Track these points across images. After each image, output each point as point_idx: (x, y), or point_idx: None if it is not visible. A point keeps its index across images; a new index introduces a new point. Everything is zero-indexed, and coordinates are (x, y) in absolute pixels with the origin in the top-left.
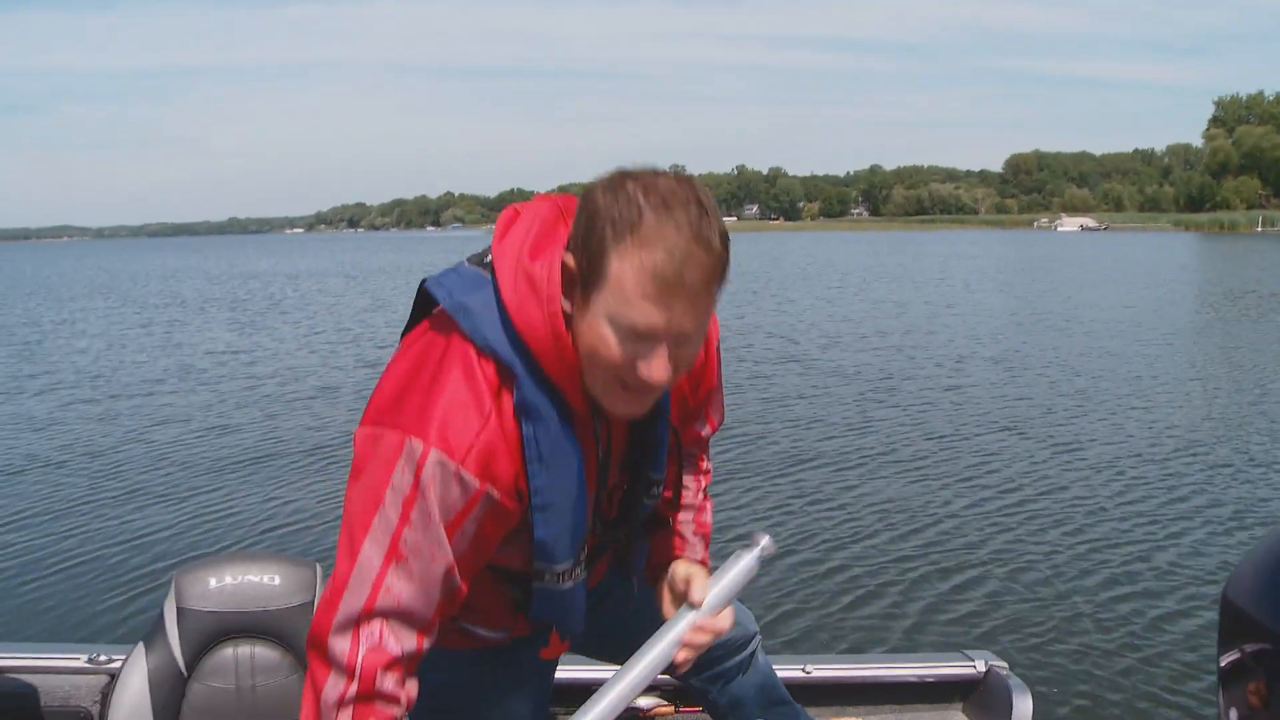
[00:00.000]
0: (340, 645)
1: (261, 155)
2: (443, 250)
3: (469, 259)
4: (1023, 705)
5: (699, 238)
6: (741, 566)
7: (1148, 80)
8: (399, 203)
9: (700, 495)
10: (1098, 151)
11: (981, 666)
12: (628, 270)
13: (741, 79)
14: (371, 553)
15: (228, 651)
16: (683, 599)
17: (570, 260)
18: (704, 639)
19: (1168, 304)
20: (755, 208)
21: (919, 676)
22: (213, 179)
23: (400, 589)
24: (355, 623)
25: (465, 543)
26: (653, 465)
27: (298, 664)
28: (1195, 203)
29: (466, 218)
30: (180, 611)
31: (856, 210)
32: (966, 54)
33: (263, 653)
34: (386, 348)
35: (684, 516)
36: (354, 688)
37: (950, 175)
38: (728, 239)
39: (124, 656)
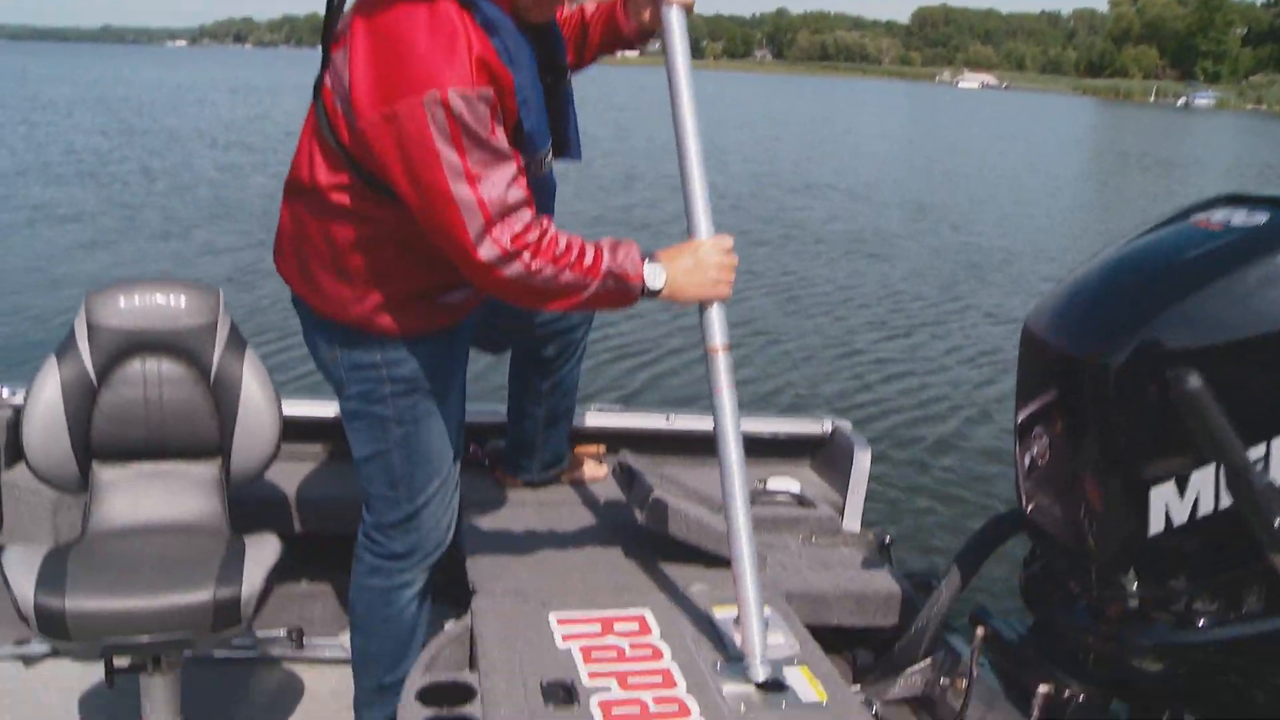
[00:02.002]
0: (493, 252)
1: None
2: None
3: None
4: (863, 458)
5: None
6: None
7: None
8: (289, 19)
9: None
10: (1005, 10)
11: (828, 426)
12: None
13: None
14: (461, 190)
15: (136, 365)
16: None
17: None
18: None
19: (1061, 162)
20: (657, 43)
21: (773, 434)
22: None
23: (495, 193)
24: (487, 232)
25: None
26: (559, 54)
27: (200, 378)
28: (1095, 68)
29: None
30: (91, 328)
31: (760, 53)
32: None
33: (169, 367)
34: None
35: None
36: (526, 251)
37: (857, 23)
38: None
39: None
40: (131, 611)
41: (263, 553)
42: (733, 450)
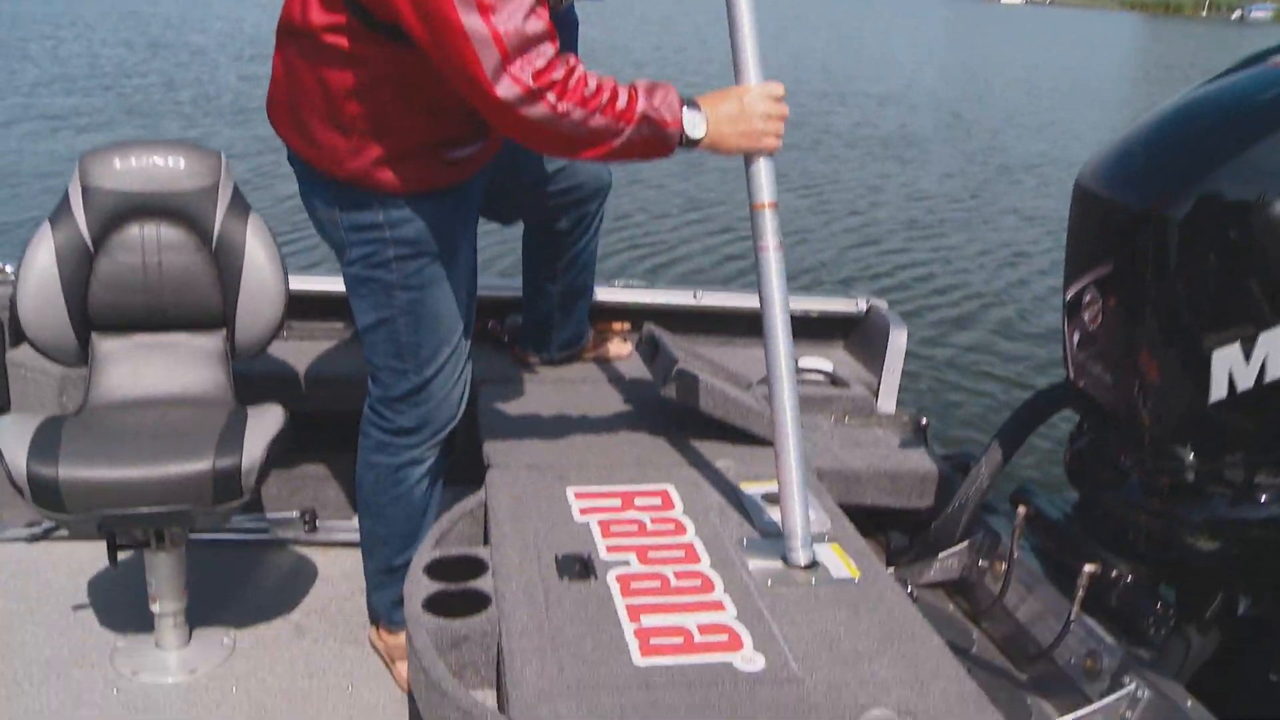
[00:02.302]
0: (513, 90)
1: None
2: None
3: None
4: (898, 338)
5: None
6: None
7: None
8: None
9: None
10: None
11: (863, 305)
12: None
13: None
14: (472, 21)
15: (134, 229)
16: None
17: None
18: None
19: (1103, 77)
20: None
21: (805, 312)
22: None
23: (512, 24)
24: (504, 69)
25: None
26: None
27: (202, 245)
28: None
29: None
30: (86, 190)
31: None
32: None
33: (168, 232)
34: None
35: None
36: (551, 91)
37: None
38: None
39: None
40: (128, 481)
41: (265, 422)
42: (778, 312)
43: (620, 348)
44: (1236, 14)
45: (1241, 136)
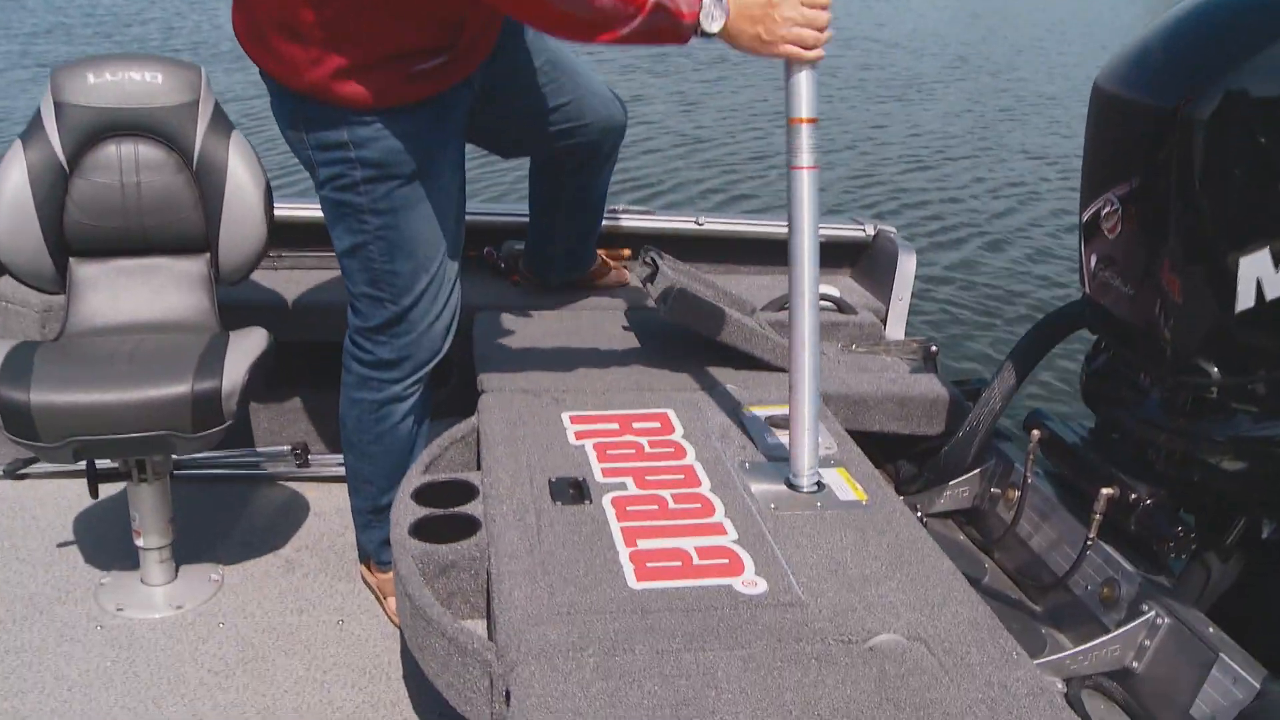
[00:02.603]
0: None
1: None
2: None
3: None
4: (907, 263)
5: None
6: None
7: None
8: None
9: None
10: None
11: (870, 230)
12: None
13: None
14: None
15: (111, 148)
16: None
17: None
18: None
19: (1119, 14)
20: None
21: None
22: None
23: None
24: None
25: None
26: None
27: (182, 164)
28: None
29: None
30: (59, 107)
31: None
32: None
33: (146, 150)
34: None
35: None
36: None
37: None
38: None
39: None
40: (103, 405)
41: (247, 344)
42: (805, 239)
43: (621, 275)
44: None
45: (1269, 30)
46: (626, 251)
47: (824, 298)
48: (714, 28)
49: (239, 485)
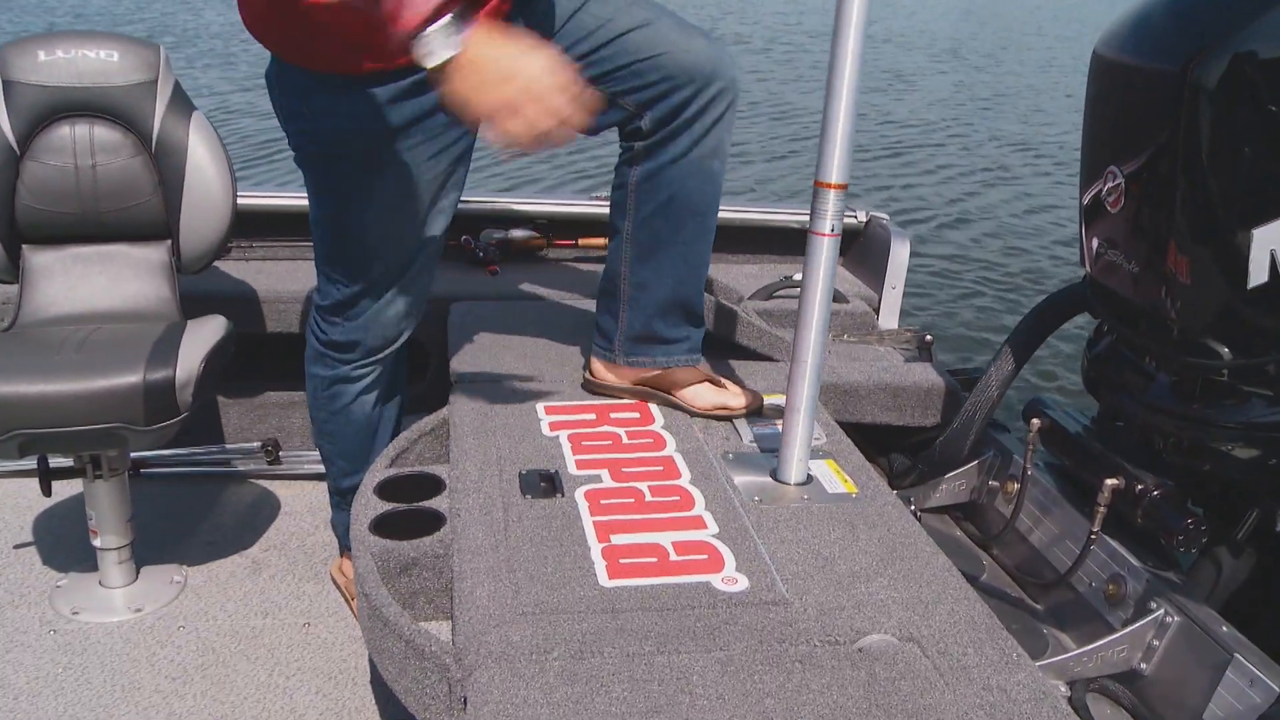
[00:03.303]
0: None
1: None
2: None
3: None
4: (900, 251)
5: None
6: None
7: None
8: None
9: None
10: None
11: (863, 217)
12: None
13: None
14: None
15: (64, 130)
16: None
17: None
18: None
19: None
20: None
21: (801, 224)
22: None
23: None
24: None
25: None
26: None
27: (140, 146)
28: None
29: None
30: (8, 85)
31: None
32: None
33: (102, 132)
34: None
35: None
36: None
37: None
38: None
39: None
40: (50, 396)
41: (204, 332)
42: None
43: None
44: None
45: None
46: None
47: None
48: (435, 56)
49: (207, 483)
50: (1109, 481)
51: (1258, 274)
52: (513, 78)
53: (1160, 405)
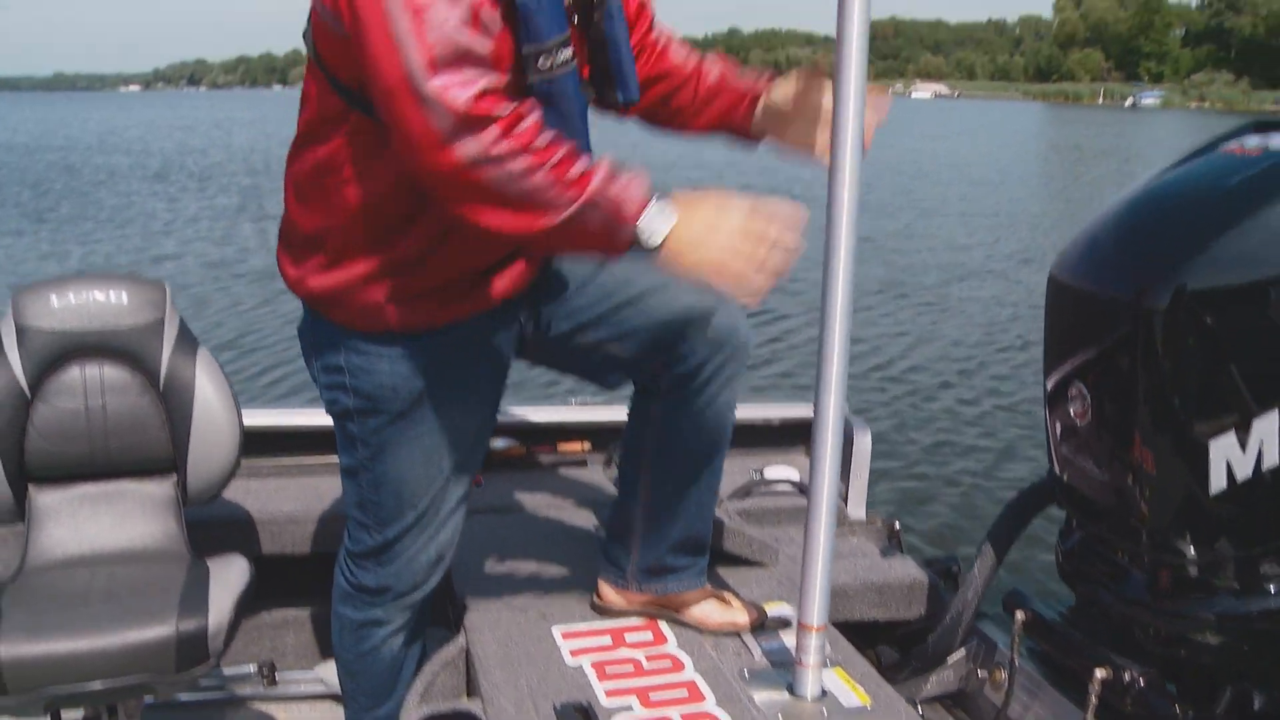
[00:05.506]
0: (439, 108)
1: (90, 4)
2: (294, 106)
3: None
4: (863, 441)
5: None
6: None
7: None
8: (243, 60)
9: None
10: (952, 20)
11: None
12: None
13: None
14: (399, 18)
15: (74, 371)
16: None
17: None
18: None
19: (1018, 160)
20: None
21: (766, 420)
22: (35, 29)
23: (440, 29)
24: (430, 75)
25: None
26: None
27: (148, 384)
28: (1043, 74)
29: None
30: (20, 330)
31: None
32: None
33: (111, 372)
34: None
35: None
36: (494, 124)
37: (808, 40)
38: None
39: None
40: (79, 654)
41: (229, 576)
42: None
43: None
44: (1129, 101)
45: (1213, 223)
46: (586, 445)
47: (785, 481)
48: (655, 237)
49: (203, 711)
50: (1099, 673)
51: (1218, 481)
52: (719, 228)
53: (1136, 599)
